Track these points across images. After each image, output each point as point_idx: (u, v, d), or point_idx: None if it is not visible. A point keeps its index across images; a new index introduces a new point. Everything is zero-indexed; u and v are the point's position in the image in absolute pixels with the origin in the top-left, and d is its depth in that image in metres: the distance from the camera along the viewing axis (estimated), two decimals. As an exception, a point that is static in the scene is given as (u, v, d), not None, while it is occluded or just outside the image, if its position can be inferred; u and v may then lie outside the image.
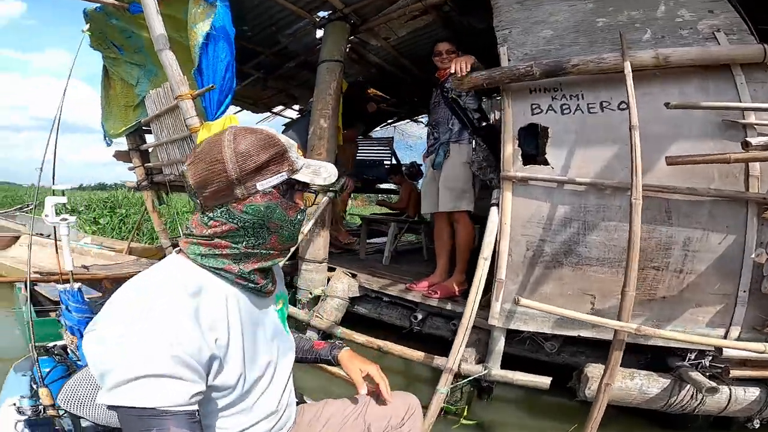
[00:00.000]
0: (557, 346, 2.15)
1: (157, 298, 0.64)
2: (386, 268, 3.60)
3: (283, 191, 0.75)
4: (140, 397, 0.58)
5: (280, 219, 0.75)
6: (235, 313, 0.74)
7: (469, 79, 2.05)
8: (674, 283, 1.93)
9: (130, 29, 3.03)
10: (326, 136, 3.10)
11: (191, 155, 0.74)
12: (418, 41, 3.58)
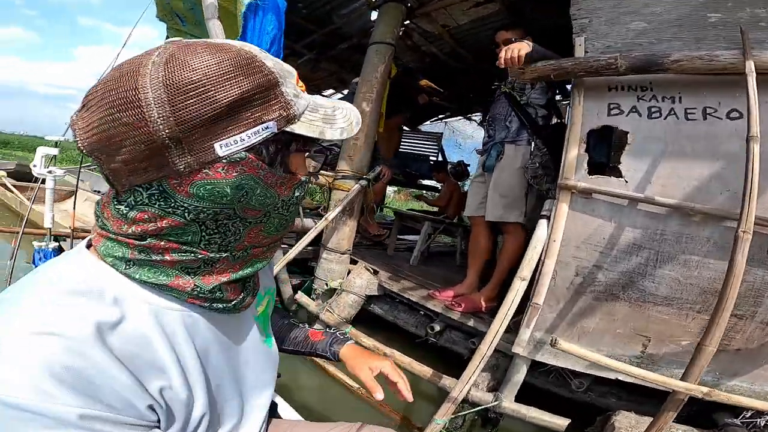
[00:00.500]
0: (586, 384, 1.80)
1: (58, 329, 0.39)
2: (412, 269, 3.34)
3: (269, 155, 0.47)
4: None
5: (264, 202, 0.48)
6: (188, 344, 0.50)
7: (533, 68, 1.72)
8: (756, 335, 1.55)
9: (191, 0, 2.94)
10: (367, 120, 2.88)
11: (85, 96, 0.42)
12: (480, 31, 3.26)
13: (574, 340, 1.77)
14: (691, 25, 1.58)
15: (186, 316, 0.50)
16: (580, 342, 1.76)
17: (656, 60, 1.47)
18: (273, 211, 0.50)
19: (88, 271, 0.46)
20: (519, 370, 1.81)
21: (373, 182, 3.01)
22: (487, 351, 1.55)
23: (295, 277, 3.10)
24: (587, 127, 1.75)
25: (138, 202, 0.43)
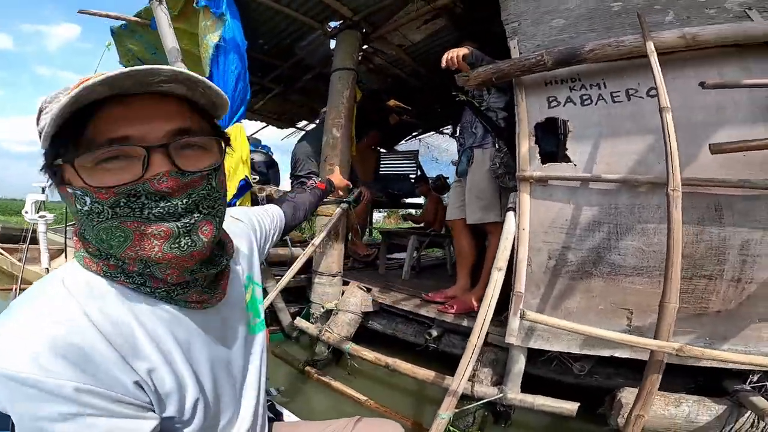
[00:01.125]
0: (588, 367, 1.88)
1: (51, 322, 0.46)
2: (405, 283, 3.43)
3: (47, 166, 0.50)
4: None
5: (70, 209, 0.52)
6: (168, 335, 0.54)
7: (476, 74, 1.90)
8: (731, 294, 1.64)
9: (154, 46, 3.11)
10: (339, 146, 3.03)
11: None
12: (434, 47, 3.47)
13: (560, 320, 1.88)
14: (600, 17, 1.79)
15: (157, 307, 0.54)
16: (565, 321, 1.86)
17: (574, 52, 1.65)
18: (83, 220, 0.52)
19: (81, 274, 0.52)
20: (517, 360, 1.89)
21: (354, 204, 3.13)
22: (477, 341, 1.64)
23: (292, 305, 3.18)
24: (533, 121, 1.91)
25: None
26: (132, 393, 0.48)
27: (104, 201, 0.46)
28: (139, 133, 0.47)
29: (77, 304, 0.47)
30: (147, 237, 0.48)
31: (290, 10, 2.94)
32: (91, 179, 0.46)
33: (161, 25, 2.44)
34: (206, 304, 0.58)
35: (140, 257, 0.48)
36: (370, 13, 2.94)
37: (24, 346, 0.43)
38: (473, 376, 1.91)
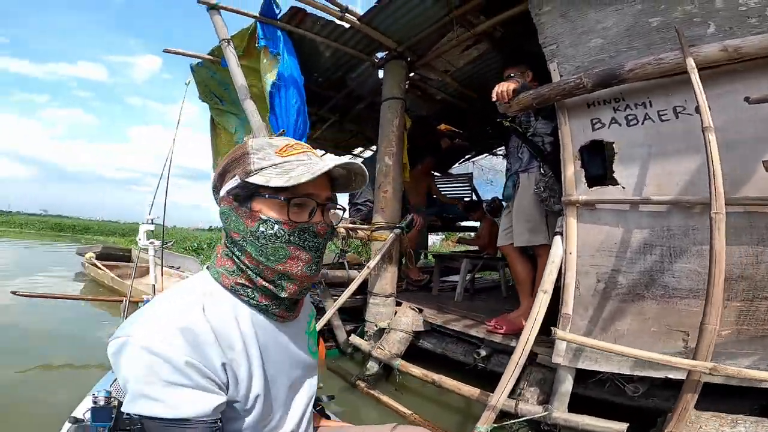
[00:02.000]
0: (642, 389, 1.80)
1: (178, 317, 0.63)
2: (457, 305, 3.47)
3: (239, 197, 0.69)
4: (162, 407, 0.58)
5: (237, 228, 0.69)
6: (251, 336, 0.70)
7: (517, 101, 1.98)
8: None
9: (226, 82, 3.48)
10: (391, 173, 3.22)
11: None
12: (480, 70, 3.59)
13: (611, 342, 1.83)
14: (639, 34, 1.77)
15: (253, 315, 0.72)
16: (617, 344, 1.81)
17: (614, 73, 1.66)
18: (247, 237, 0.68)
19: (210, 285, 0.72)
20: (564, 380, 1.86)
21: (406, 230, 3.28)
22: (519, 360, 1.66)
23: (349, 323, 3.36)
24: (577, 145, 1.94)
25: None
26: (217, 372, 0.64)
27: (288, 230, 0.67)
28: (317, 193, 0.70)
29: (200, 304, 0.66)
30: (297, 259, 0.69)
31: (339, 44, 3.22)
32: (289, 215, 0.67)
33: (230, 64, 2.83)
34: (286, 319, 0.77)
35: (285, 271, 0.69)
36: (413, 43, 3.12)
37: (159, 328, 0.61)
38: (519, 395, 1.92)
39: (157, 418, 0.57)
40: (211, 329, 0.64)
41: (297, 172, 0.65)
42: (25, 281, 5.88)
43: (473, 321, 2.84)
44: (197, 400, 0.59)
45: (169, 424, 0.58)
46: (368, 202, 3.65)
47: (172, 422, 0.58)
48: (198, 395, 0.60)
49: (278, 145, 0.70)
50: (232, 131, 3.92)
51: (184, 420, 0.58)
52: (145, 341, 0.59)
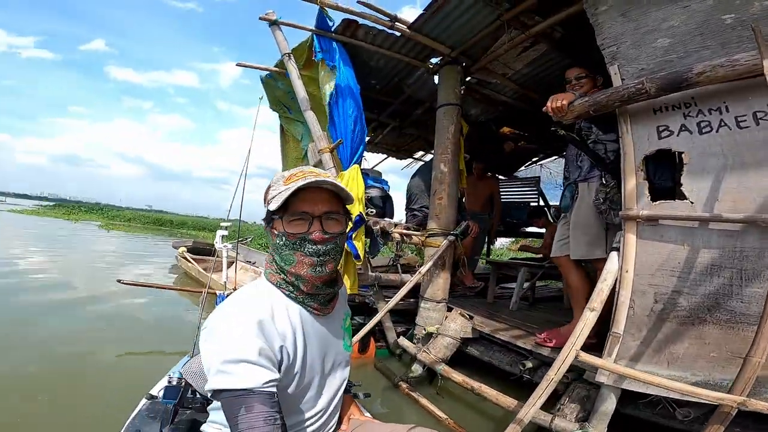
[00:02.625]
0: (695, 414, 1.65)
1: (249, 307, 0.82)
2: (512, 314, 3.40)
3: (266, 220, 0.89)
4: (233, 380, 0.72)
5: (270, 243, 0.91)
6: (299, 325, 0.88)
7: (571, 108, 1.90)
8: None
9: (292, 92, 3.61)
10: (447, 180, 3.24)
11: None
12: (541, 71, 3.45)
13: (663, 366, 1.70)
14: (711, 32, 1.59)
15: (299, 309, 0.89)
16: (671, 368, 1.69)
17: (681, 76, 1.52)
18: (274, 249, 0.89)
19: (264, 284, 0.91)
20: (606, 399, 1.77)
21: (461, 237, 3.29)
22: (555, 376, 1.62)
23: (401, 325, 3.46)
24: (640, 154, 1.80)
25: None
26: (275, 353, 0.80)
27: (290, 240, 0.85)
28: (310, 209, 0.85)
29: (263, 300, 0.86)
30: (302, 263, 0.86)
31: (392, 52, 3.30)
32: (287, 228, 0.85)
33: (292, 77, 3.05)
34: (321, 313, 0.93)
35: (296, 273, 0.86)
36: (466, 48, 3.09)
37: (237, 320, 0.79)
38: (558, 410, 1.86)
39: (229, 389, 0.72)
40: (272, 319, 0.82)
41: (281, 197, 0.82)
42: (130, 270, 6.81)
43: (523, 331, 2.78)
44: (260, 374, 0.74)
45: (238, 394, 0.72)
46: (424, 208, 3.71)
47: (241, 392, 0.72)
48: (261, 370, 0.75)
49: (286, 175, 0.87)
50: (299, 138, 4.19)
51: (250, 390, 0.72)
52: (227, 330, 0.77)
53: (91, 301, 4.35)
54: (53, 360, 2.64)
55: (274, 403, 0.74)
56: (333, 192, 0.88)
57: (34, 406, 2.00)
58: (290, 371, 0.85)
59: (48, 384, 2.26)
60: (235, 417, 0.71)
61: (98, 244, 11.46)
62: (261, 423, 0.71)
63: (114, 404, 1.86)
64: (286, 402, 0.86)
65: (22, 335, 3.09)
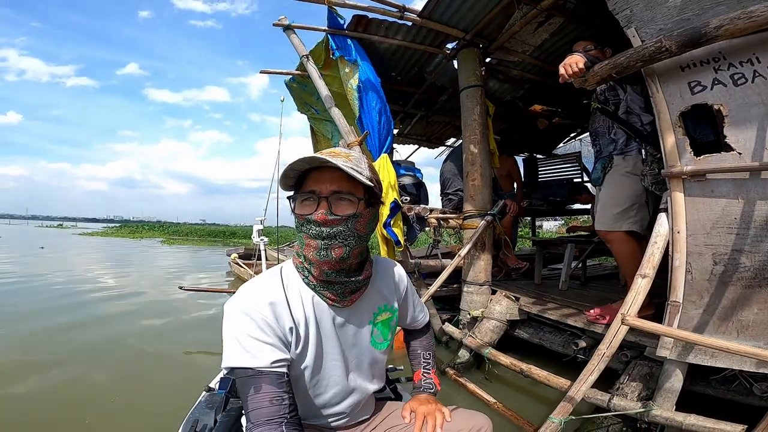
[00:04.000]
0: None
1: (262, 290, 0.83)
2: (561, 293, 3.27)
3: (291, 202, 0.86)
4: (244, 358, 0.75)
5: (295, 222, 0.87)
6: (311, 311, 0.86)
7: (592, 73, 1.80)
8: None
9: (316, 92, 3.63)
10: (478, 161, 3.18)
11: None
12: (562, 45, 3.29)
13: (732, 336, 1.57)
14: None
15: (313, 295, 0.87)
16: (740, 338, 1.56)
17: (699, 31, 1.41)
18: (298, 229, 0.84)
19: (286, 268, 0.89)
20: (671, 376, 1.66)
21: (499, 216, 3.21)
22: (607, 351, 1.54)
23: (446, 312, 3.45)
24: (675, 111, 1.69)
25: None
26: (285, 332, 0.82)
27: (300, 221, 0.82)
28: (318, 188, 0.80)
29: (280, 281, 0.86)
30: (308, 245, 0.82)
31: (407, 42, 3.28)
32: (297, 209, 0.83)
33: (313, 77, 3.12)
34: (336, 304, 0.87)
35: (305, 256, 0.84)
36: (480, 29, 3.03)
37: (249, 301, 0.80)
38: (618, 389, 1.77)
39: (241, 368, 0.75)
40: (285, 300, 0.83)
41: (288, 175, 0.82)
42: (192, 277, 7.47)
43: (575, 310, 2.67)
44: (269, 353, 0.77)
45: (249, 374, 0.75)
46: (459, 192, 3.66)
47: (251, 371, 0.75)
48: (270, 349, 0.77)
49: (298, 160, 0.83)
50: (329, 136, 4.27)
51: (259, 371, 0.75)
52: (241, 307, 0.79)
53: (158, 306, 4.82)
54: (130, 357, 2.97)
55: (281, 383, 0.76)
56: (346, 173, 0.80)
57: (118, 395, 2.25)
58: (302, 357, 0.85)
59: (127, 377, 2.57)
60: (245, 396, 0.75)
61: (162, 257, 12.46)
62: (267, 403, 0.73)
63: (181, 398, 2.03)
64: (305, 396, 0.88)
65: (99, 337, 3.48)
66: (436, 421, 0.93)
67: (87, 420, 1.99)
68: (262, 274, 0.90)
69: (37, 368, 2.67)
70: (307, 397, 0.90)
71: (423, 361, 1.16)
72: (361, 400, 0.98)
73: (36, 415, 2.04)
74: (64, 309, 4.50)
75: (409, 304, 1.10)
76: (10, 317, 4.05)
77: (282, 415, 0.74)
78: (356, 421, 1.01)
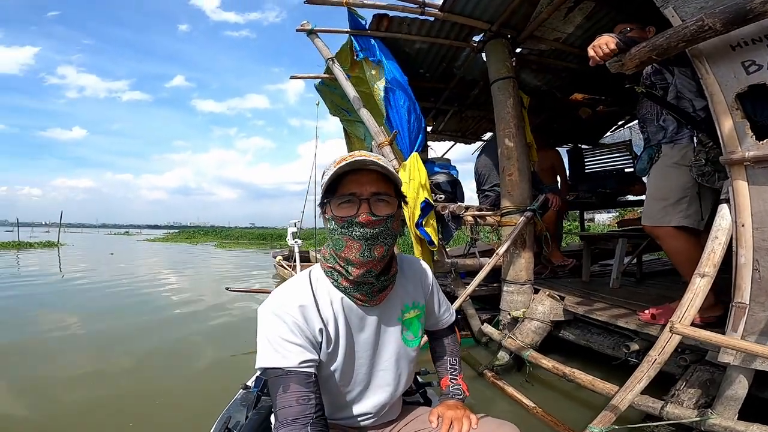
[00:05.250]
0: None
1: (292, 293, 0.86)
2: (612, 292, 3.06)
3: (322, 206, 0.88)
4: (274, 358, 0.78)
5: (326, 228, 0.88)
6: (341, 312, 0.88)
7: (629, 56, 1.64)
8: None
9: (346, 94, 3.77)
10: (515, 154, 3.06)
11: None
12: (598, 29, 3.02)
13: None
14: None
15: (342, 297, 0.88)
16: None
17: (744, 7, 1.25)
18: (328, 234, 0.87)
19: (317, 270, 0.92)
20: (734, 382, 1.49)
21: (540, 212, 3.06)
22: (658, 357, 1.40)
23: (486, 312, 3.34)
24: (730, 93, 1.51)
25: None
26: (314, 333, 0.84)
27: (340, 223, 0.83)
28: (358, 190, 0.82)
29: (309, 284, 0.89)
30: (350, 247, 0.83)
31: (431, 38, 3.20)
32: (336, 211, 0.83)
33: (339, 79, 3.13)
34: (366, 304, 0.89)
35: (346, 257, 0.84)
36: (505, 19, 2.90)
37: (282, 301, 0.84)
38: (673, 396, 1.61)
39: (271, 368, 0.78)
40: (314, 303, 0.85)
41: (328, 179, 0.82)
42: (241, 279, 7.87)
43: (627, 310, 2.47)
44: (298, 354, 0.79)
45: (278, 374, 0.77)
46: (495, 187, 3.52)
47: (280, 371, 0.77)
48: (299, 350, 0.79)
49: (338, 159, 0.85)
50: (362, 138, 4.28)
51: (288, 371, 0.77)
52: (273, 310, 0.83)
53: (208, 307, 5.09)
54: (195, 357, 3.18)
55: (309, 383, 0.77)
56: (381, 174, 0.83)
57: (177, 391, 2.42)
58: (333, 356, 0.87)
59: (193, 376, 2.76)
60: (274, 395, 0.77)
61: (215, 261, 13.20)
62: (293, 402, 0.75)
63: (222, 396, 2.12)
64: (335, 394, 0.90)
65: (168, 336, 3.77)
66: (463, 426, 0.91)
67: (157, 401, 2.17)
68: (292, 278, 0.93)
69: (114, 363, 2.95)
70: (336, 395, 0.92)
71: (450, 367, 1.12)
72: (389, 400, 0.98)
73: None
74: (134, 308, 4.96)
75: (435, 302, 1.09)
76: (92, 317, 4.49)
77: (307, 414, 0.76)
78: (383, 422, 1.01)
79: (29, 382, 2.60)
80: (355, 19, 3.13)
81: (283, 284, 0.90)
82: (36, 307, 4.98)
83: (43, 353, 3.24)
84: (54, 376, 2.70)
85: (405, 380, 1.00)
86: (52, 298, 5.76)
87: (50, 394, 2.42)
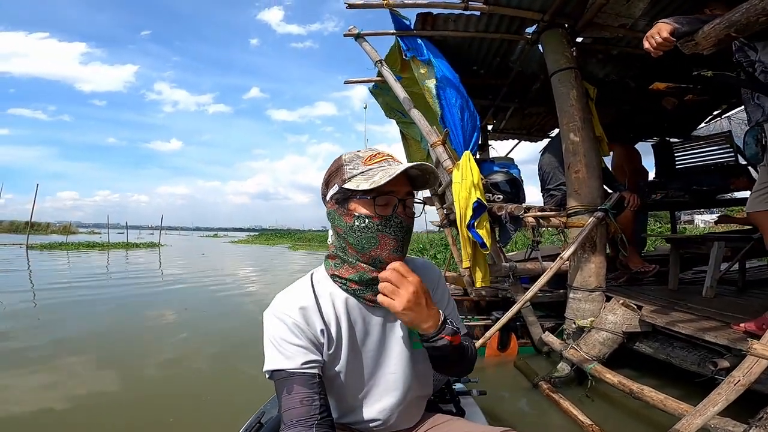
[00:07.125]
0: None
1: (294, 296, 0.86)
2: (703, 302, 2.68)
3: (339, 200, 0.84)
4: (278, 360, 0.79)
5: (340, 224, 0.84)
6: (343, 312, 0.86)
7: (703, 35, 1.41)
8: None
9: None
10: (581, 150, 2.83)
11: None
12: (676, 8, 2.72)
13: None
14: None
15: (347, 298, 0.86)
16: None
17: None
18: (348, 231, 0.83)
19: (320, 273, 0.91)
20: None
21: (613, 212, 2.79)
22: (742, 379, 1.17)
23: (550, 320, 3.11)
24: None
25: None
26: (316, 334, 0.83)
27: (375, 221, 0.81)
28: (396, 190, 0.82)
29: (311, 287, 0.88)
30: (385, 244, 0.82)
31: (479, 33, 3.08)
32: (376, 210, 0.81)
33: (389, 81, 3.13)
34: (375, 304, 0.85)
35: (377, 255, 0.82)
36: (558, 7, 2.69)
37: (283, 303, 0.84)
38: (761, 419, 1.34)
39: (276, 370, 0.78)
40: (316, 305, 0.85)
41: (378, 176, 0.79)
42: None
43: (718, 323, 2.15)
44: (301, 355, 0.79)
45: (283, 376, 0.77)
46: (561, 186, 3.28)
47: (284, 373, 0.77)
48: (302, 351, 0.80)
49: (364, 156, 0.85)
50: (419, 139, 4.22)
51: (292, 372, 0.77)
52: (275, 313, 0.83)
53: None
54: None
55: (313, 384, 0.77)
56: (406, 174, 0.84)
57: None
58: (336, 357, 0.86)
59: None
60: (280, 397, 0.78)
61: (288, 261, 14.12)
62: (298, 404, 0.75)
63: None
64: (341, 396, 0.89)
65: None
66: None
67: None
68: (298, 280, 0.94)
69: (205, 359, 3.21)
70: (343, 397, 0.90)
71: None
72: (399, 404, 0.93)
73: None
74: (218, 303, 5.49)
75: (443, 309, 0.97)
76: (191, 317, 4.85)
77: (312, 415, 0.75)
78: (396, 429, 0.96)
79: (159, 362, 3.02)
80: (398, 20, 3.13)
81: (286, 288, 0.89)
82: (142, 308, 5.40)
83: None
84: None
85: (416, 384, 0.95)
86: (154, 298, 6.37)
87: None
